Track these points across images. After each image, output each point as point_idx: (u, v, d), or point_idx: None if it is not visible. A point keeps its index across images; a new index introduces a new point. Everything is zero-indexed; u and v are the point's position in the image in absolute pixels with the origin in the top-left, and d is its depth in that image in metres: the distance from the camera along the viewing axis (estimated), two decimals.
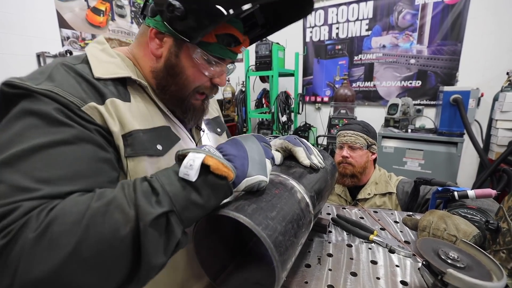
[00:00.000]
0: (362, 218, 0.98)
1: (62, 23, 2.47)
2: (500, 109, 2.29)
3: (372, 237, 0.81)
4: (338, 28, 3.57)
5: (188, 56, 0.57)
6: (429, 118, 2.97)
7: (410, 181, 1.31)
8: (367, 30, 3.40)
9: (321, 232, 0.85)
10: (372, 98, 3.54)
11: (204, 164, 0.43)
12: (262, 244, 0.44)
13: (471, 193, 0.84)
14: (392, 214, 1.01)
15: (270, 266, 0.45)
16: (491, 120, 2.53)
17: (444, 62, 3.03)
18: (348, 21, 3.50)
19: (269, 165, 0.55)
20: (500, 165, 2.17)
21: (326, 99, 3.88)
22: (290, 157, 0.74)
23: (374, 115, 3.37)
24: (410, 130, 2.75)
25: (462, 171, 2.71)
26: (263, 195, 0.53)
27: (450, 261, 0.54)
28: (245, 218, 0.45)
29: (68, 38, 2.52)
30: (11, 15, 2.16)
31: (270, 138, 0.78)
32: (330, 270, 0.68)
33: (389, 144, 2.76)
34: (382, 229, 0.89)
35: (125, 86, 0.56)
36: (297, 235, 0.53)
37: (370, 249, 0.78)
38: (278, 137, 0.76)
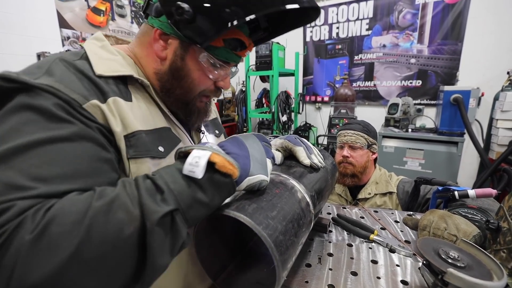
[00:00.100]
0: (362, 217, 0.98)
1: (62, 23, 2.47)
2: (500, 108, 2.29)
3: (372, 236, 0.81)
4: (338, 27, 3.58)
5: (194, 59, 0.56)
6: (429, 117, 2.97)
7: (411, 180, 1.31)
8: (368, 30, 3.40)
9: (321, 231, 0.85)
10: (372, 97, 3.54)
11: (209, 161, 0.42)
12: (262, 243, 0.44)
13: (472, 192, 0.84)
14: (392, 213, 1.01)
15: (270, 265, 0.45)
16: (492, 119, 2.52)
17: (444, 62, 3.03)
18: (348, 20, 3.50)
19: (269, 164, 0.54)
20: (500, 164, 2.17)
21: (326, 99, 3.89)
22: (290, 156, 0.74)
23: (374, 115, 3.37)
24: (410, 130, 2.74)
25: (462, 171, 2.71)
26: (264, 195, 0.52)
27: (450, 260, 0.54)
28: (245, 218, 0.45)
29: (68, 38, 2.52)
30: (11, 15, 2.15)
31: (270, 138, 0.77)
32: (331, 269, 0.68)
33: (389, 143, 2.76)
34: (383, 228, 0.89)
35: (126, 85, 0.54)
36: (297, 235, 0.53)
37: (370, 248, 0.78)
38: (278, 137, 0.76)
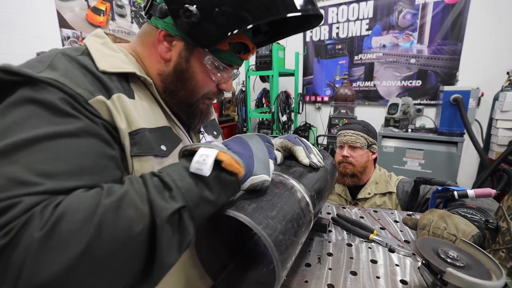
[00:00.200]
0: (362, 217, 0.98)
1: (62, 23, 2.47)
2: (500, 108, 2.29)
3: (372, 236, 0.81)
4: (338, 27, 3.58)
5: (199, 61, 0.56)
6: (429, 117, 2.97)
7: (410, 180, 1.31)
8: (367, 30, 3.40)
9: (321, 231, 0.86)
10: (372, 97, 3.54)
11: (216, 159, 0.42)
12: (262, 243, 0.44)
13: (471, 192, 0.84)
14: (392, 213, 1.02)
15: (270, 265, 0.45)
16: (491, 119, 2.53)
17: (444, 62, 3.03)
18: (348, 20, 3.50)
19: (272, 165, 0.55)
20: (500, 164, 2.17)
21: (326, 99, 3.89)
22: (290, 156, 0.74)
23: (374, 115, 3.37)
24: (410, 130, 2.75)
25: (462, 171, 2.71)
26: (263, 195, 0.53)
27: (449, 260, 0.54)
28: (245, 217, 0.45)
29: (68, 38, 2.52)
30: (11, 15, 2.15)
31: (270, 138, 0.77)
32: (330, 269, 0.69)
33: (389, 143, 2.76)
34: (382, 228, 0.89)
35: (128, 82, 0.53)
36: (297, 234, 0.53)
37: (370, 248, 0.78)
38: (277, 137, 0.76)
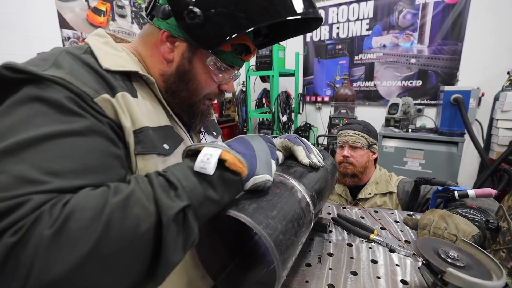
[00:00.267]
0: (362, 217, 0.98)
1: (63, 24, 2.47)
2: (500, 108, 2.29)
3: (372, 236, 0.81)
4: (338, 27, 3.58)
5: (201, 62, 0.57)
6: (429, 117, 2.97)
7: (411, 180, 1.31)
8: (368, 30, 3.40)
9: (321, 231, 0.86)
10: (372, 97, 3.54)
11: (220, 159, 0.42)
12: (262, 243, 0.44)
13: (471, 192, 0.84)
14: (392, 213, 1.02)
15: (270, 265, 0.45)
16: (492, 119, 2.52)
17: (444, 62, 3.03)
18: (348, 20, 3.50)
19: (274, 166, 0.55)
20: (500, 164, 2.17)
21: (326, 99, 3.89)
22: (290, 156, 0.74)
23: (374, 115, 3.37)
24: (410, 130, 2.74)
25: (462, 171, 2.71)
26: (264, 195, 0.53)
27: (450, 260, 0.54)
28: (246, 217, 0.45)
29: (68, 38, 2.52)
30: (12, 15, 2.15)
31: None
32: (331, 269, 0.69)
33: (389, 143, 2.76)
34: (383, 228, 0.89)
35: (130, 81, 0.54)
36: (297, 234, 0.53)
37: (370, 248, 0.78)
38: (278, 136, 0.77)
